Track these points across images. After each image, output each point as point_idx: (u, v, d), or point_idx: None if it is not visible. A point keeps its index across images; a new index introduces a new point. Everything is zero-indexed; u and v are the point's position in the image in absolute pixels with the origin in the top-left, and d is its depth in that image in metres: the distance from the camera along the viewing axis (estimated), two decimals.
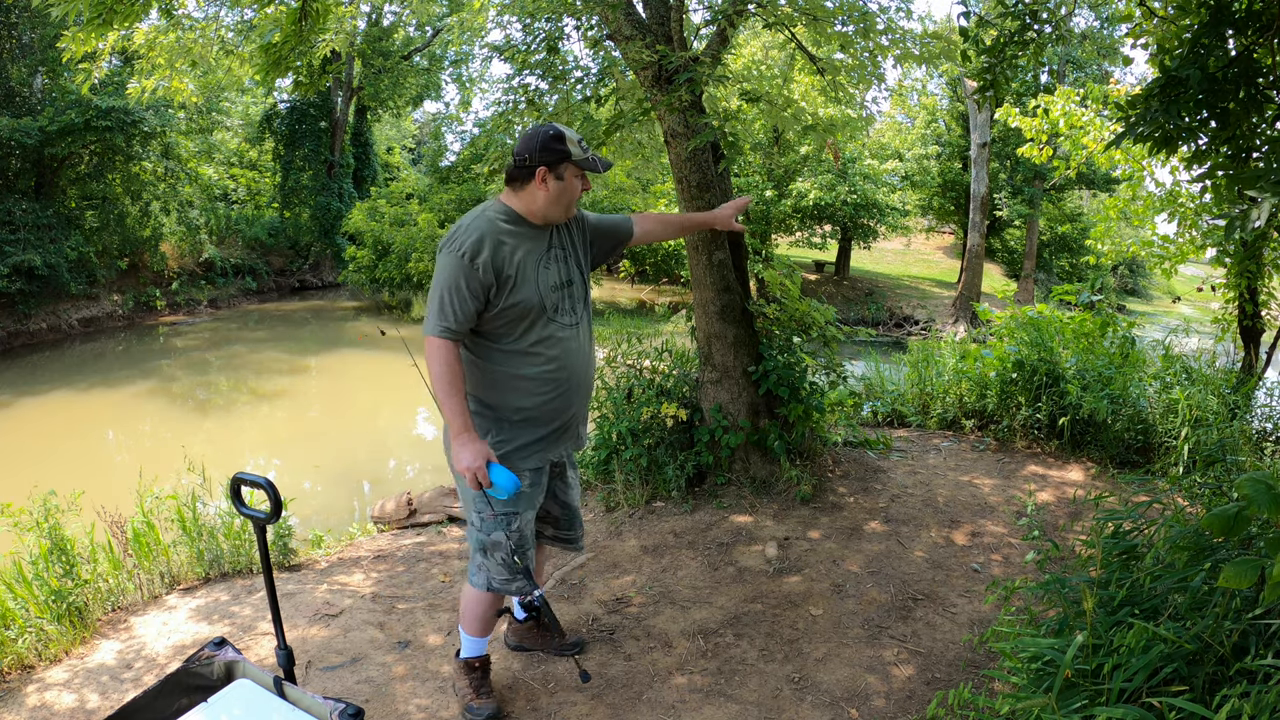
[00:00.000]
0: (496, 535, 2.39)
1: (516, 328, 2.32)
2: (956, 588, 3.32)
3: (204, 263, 19.27)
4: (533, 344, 2.34)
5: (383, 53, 23.40)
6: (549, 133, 2.29)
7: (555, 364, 2.38)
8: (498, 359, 2.34)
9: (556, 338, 2.38)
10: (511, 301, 2.27)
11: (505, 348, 2.33)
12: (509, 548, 2.38)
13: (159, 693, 1.82)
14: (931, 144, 23.54)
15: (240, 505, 2.14)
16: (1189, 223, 6.07)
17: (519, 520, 2.40)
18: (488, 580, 2.45)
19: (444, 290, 2.22)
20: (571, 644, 2.91)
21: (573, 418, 2.49)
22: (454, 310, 2.21)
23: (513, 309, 2.28)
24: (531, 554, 2.46)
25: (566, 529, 2.71)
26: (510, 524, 2.38)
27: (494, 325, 2.30)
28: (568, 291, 2.43)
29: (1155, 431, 4.66)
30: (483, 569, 2.45)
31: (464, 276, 2.20)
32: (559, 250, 2.43)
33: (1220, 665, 1.71)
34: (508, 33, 5.64)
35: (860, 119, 7.12)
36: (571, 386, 2.44)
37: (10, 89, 15.04)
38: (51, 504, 3.34)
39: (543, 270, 2.35)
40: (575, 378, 2.44)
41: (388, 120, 30.67)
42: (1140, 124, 2.77)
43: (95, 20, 3.83)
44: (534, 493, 2.45)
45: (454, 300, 2.21)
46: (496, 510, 2.35)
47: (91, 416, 10.43)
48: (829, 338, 4.42)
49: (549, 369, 2.37)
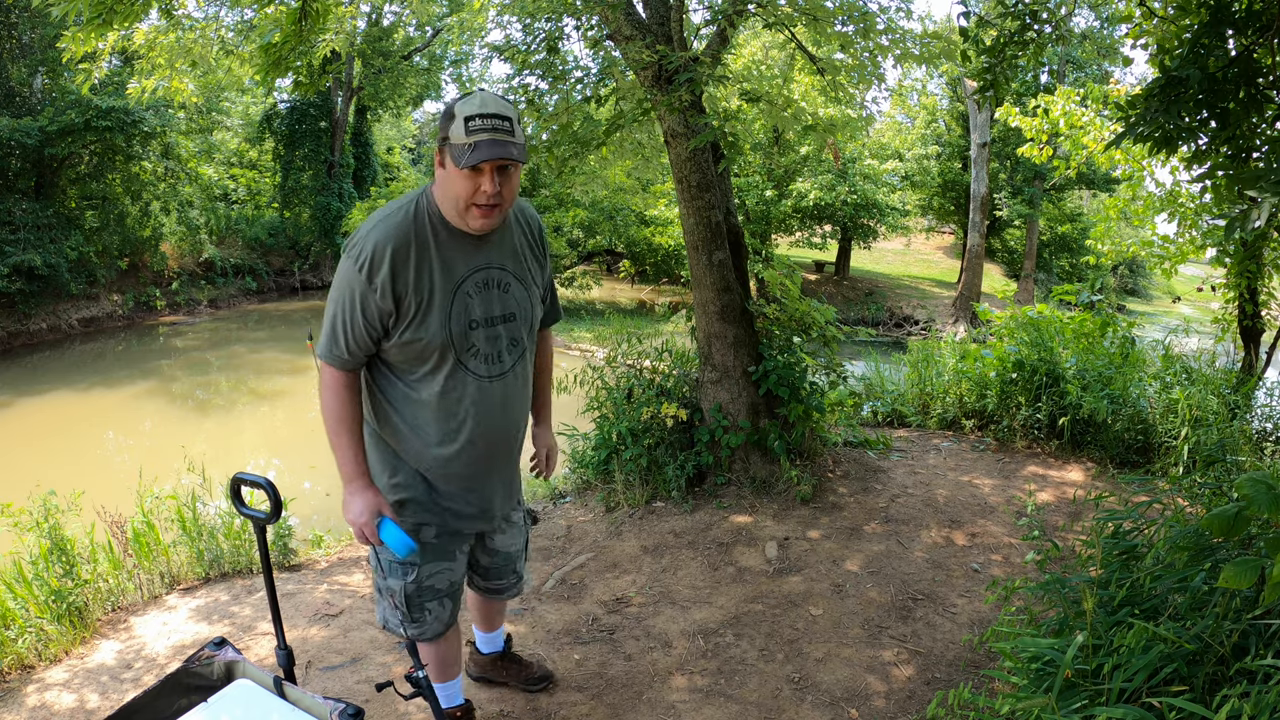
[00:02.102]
0: (391, 583, 2.03)
1: (417, 368, 1.87)
2: (956, 588, 3.32)
3: (204, 263, 19.28)
4: (435, 393, 1.88)
5: (383, 53, 23.40)
6: (450, 102, 1.77)
7: (460, 425, 1.91)
8: (395, 397, 1.92)
9: (467, 390, 1.89)
10: (413, 338, 1.82)
11: (403, 386, 1.91)
12: (402, 597, 2.03)
13: (159, 693, 1.82)
14: (931, 144, 23.54)
15: (240, 505, 2.14)
16: (1189, 223, 6.07)
17: (417, 572, 2.02)
18: (383, 618, 2.12)
19: (336, 309, 1.81)
20: (539, 678, 2.68)
21: (490, 483, 2.04)
22: (346, 336, 1.81)
23: (411, 345, 1.83)
24: (436, 606, 2.09)
25: (496, 578, 2.29)
26: (407, 574, 2.01)
27: (390, 358, 1.88)
28: (501, 329, 1.92)
29: (1155, 431, 4.66)
30: (379, 605, 2.12)
31: (360, 295, 1.77)
32: (501, 273, 1.91)
33: (1220, 665, 1.70)
34: (508, 33, 5.65)
35: (860, 119, 7.12)
36: (482, 456, 1.97)
37: (10, 89, 15.05)
38: (51, 504, 3.33)
39: (461, 298, 1.85)
40: (490, 445, 1.97)
41: (388, 120, 30.67)
42: (1140, 124, 2.77)
43: (95, 20, 3.83)
44: (442, 544, 2.04)
45: (348, 324, 1.80)
46: (386, 560, 2.01)
47: (91, 416, 10.43)
48: (829, 338, 4.42)
49: (451, 429, 1.91)
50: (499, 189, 1.75)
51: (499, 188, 1.74)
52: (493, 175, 1.73)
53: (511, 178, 1.79)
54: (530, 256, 2.01)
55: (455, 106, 1.74)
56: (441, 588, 2.09)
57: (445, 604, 2.12)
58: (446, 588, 2.10)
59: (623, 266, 21.09)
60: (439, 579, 2.07)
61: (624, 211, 18.68)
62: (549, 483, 4.69)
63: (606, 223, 18.78)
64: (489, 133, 1.69)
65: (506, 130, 1.72)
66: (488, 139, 1.69)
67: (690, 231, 4.11)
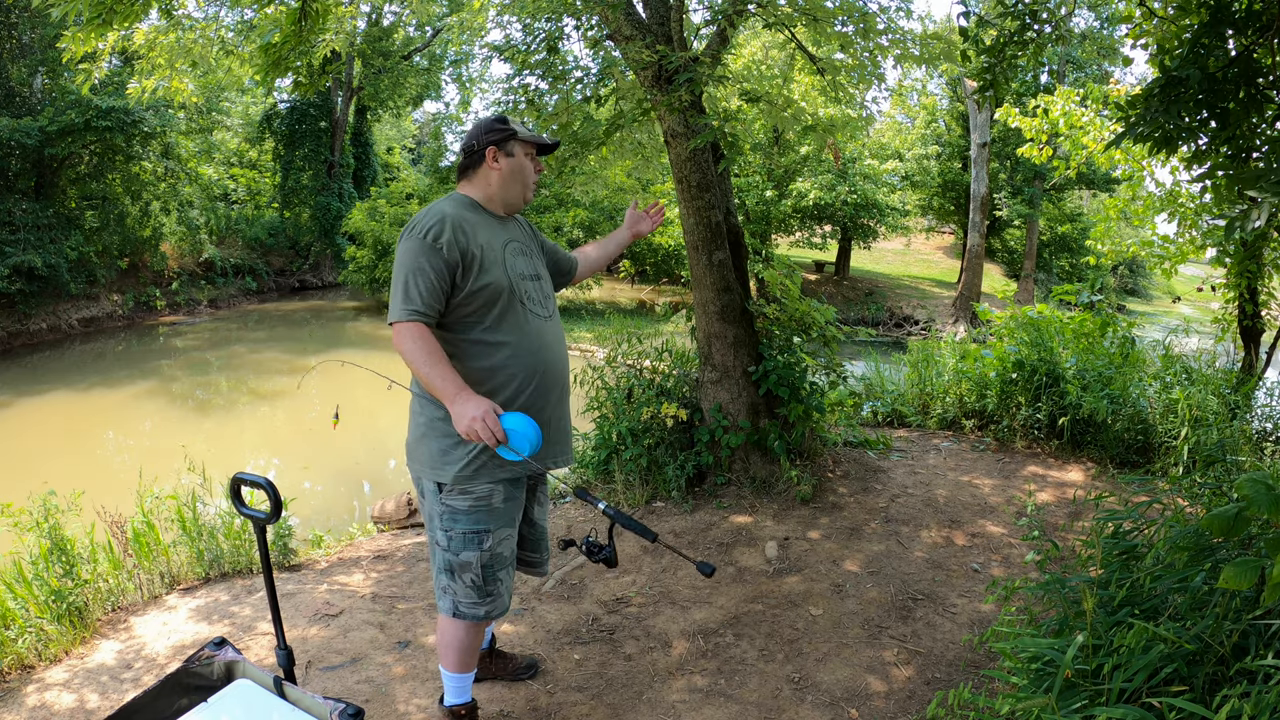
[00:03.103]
0: (467, 555, 2.17)
1: (487, 314, 2.16)
2: (956, 588, 3.32)
3: (204, 263, 19.28)
4: (505, 332, 2.17)
5: (383, 53, 23.41)
6: (492, 118, 2.31)
7: (528, 356, 2.20)
8: (467, 352, 2.16)
9: (530, 326, 2.22)
10: (481, 284, 2.12)
11: (475, 337, 2.16)
12: (478, 569, 2.17)
13: (159, 693, 1.82)
14: (931, 144, 23.54)
15: (240, 505, 2.14)
16: (1189, 223, 6.07)
17: (492, 538, 2.18)
18: (454, 605, 2.22)
19: (408, 274, 2.08)
20: (525, 667, 2.78)
21: (551, 418, 2.26)
22: (420, 293, 2.06)
23: (482, 291, 2.13)
24: (505, 576, 2.26)
25: (533, 550, 2.47)
26: (482, 542, 2.17)
27: (463, 313, 2.14)
28: (538, 284, 2.32)
29: (1155, 431, 4.66)
30: (448, 592, 2.23)
31: (427, 258, 2.07)
32: (519, 244, 2.34)
33: (1220, 665, 1.70)
34: (508, 33, 5.65)
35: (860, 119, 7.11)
36: (548, 382, 2.25)
37: (10, 89, 15.04)
38: (51, 504, 3.33)
39: (510, 256, 2.25)
40: (552, 371, 2.26)
41: (388, 120, 30.69)
42: (1140, 124, 2.77)
43: (95, 20, 3.83)
44: (509, 508, 2.22)
45: (419, 283, 2.06)
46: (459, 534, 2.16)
47: (91, 416, 10.43)
48: (829, 338, 4.42)
49: (521, 360, 2.18)
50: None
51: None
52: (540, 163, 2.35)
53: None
54: (533, 239, 2.46)
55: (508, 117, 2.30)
56: (507, 555, 2.26)
57: (510, 573, 2.29)
58: (509, 555, 2.27)
59: (623, 266, 21.08)
60: (505, 545, 2.24)
61: (624, 211, 18.66)
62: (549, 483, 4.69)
63: (606, 223, 18.78)
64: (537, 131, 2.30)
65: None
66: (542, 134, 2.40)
67: (690, 231, 4.11)
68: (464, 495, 2.15)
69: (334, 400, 11.52)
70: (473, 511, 2.16)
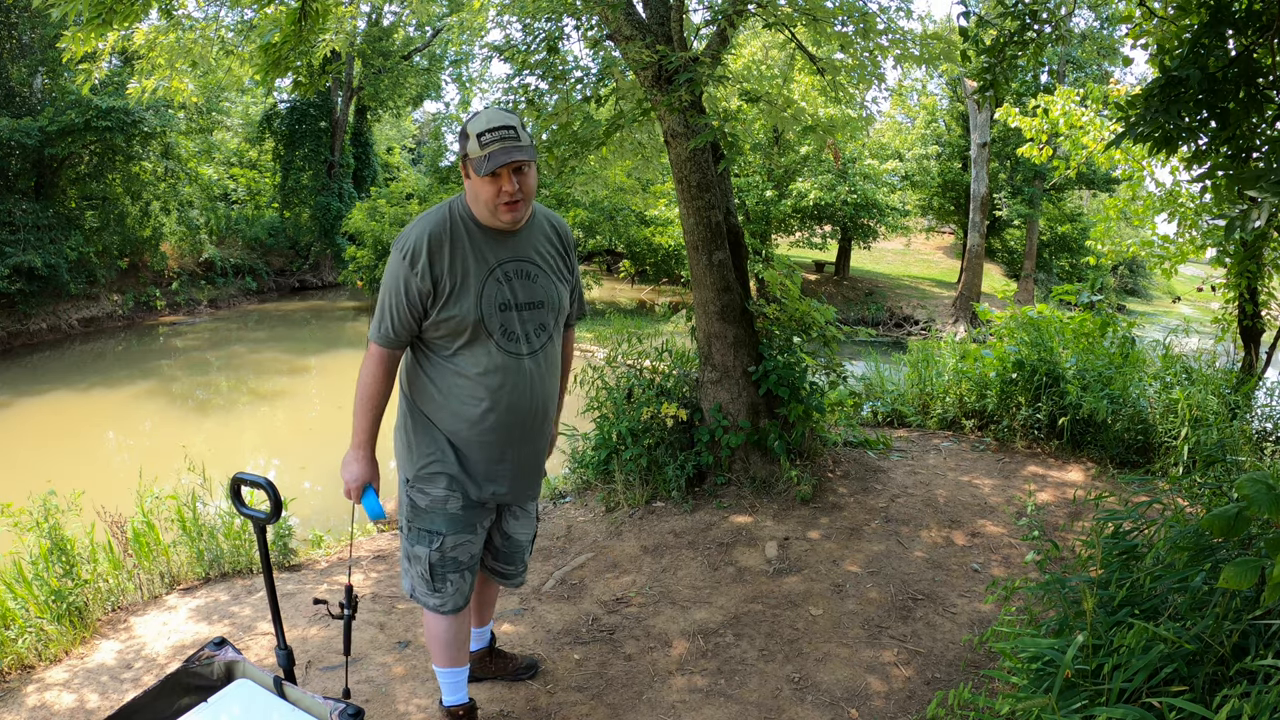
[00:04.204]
0: (419, 549, 2.22)
1: (453, 343, 2.11)
2: (956, 588, 3.32)
3: (204, 263, 19.27)
4: (465, 365, 2.11)
5: (383, 53, 23.40)
6: (464, 123, 2.07)
7: (488, 393, 2.12)
8: (434, 373, 2.16)
9: (495, 364, 2.11)
10: (447, 315, 2.06)
11: (440, 361, 2.15)
12: (426, 565, 2.22)
13: (159, 693, 1.82)
14: (931, 144, 23.53)
15: (240, 505, 2.14)
16: (1189, 223, 6.07)
17: (443, 540, 2.20)
18: (411, 587, 2.30)
19: (386, 293, 2.08)
20: (525, 667, 2.79)
21: (514, 457, 2.22)
22: (393, 316, 2.07)
23: (447, 322, 2.07)
24: (457, 578, 2.25)
25: (505, 563, 2.46)
26: (432, 543, 2.20)
27: (432, 335, 2.12)
28: (529, 314, 2.15)
29: (1155, 431, 4.66)
30: (407, 574, 2.30)
31: (403, 280, 2.05)
32: (529, 265, 2.16)
33: (1220, 665, 1.70)
34: (508, 33, 5.65)
35: (860, 119, 7.12)
36: (510, 420, 2.16)
37: (10, 89, 15.04)
38: (51, 504, 3.33)
39: (493, 284, 2.09)
40: (516, 411, 2.16)
41: (388, 120, 30.68)
42: (1140, 124, 2.77)
43: (95, 20, 3.83)
44: (467, 516, 2.20)
45: (394, 306, 2.07)
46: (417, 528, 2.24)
47: (91, 416, 10.43)
48: (829, 338, 4.42)
49: (479, 396, 2.12)
50: (517, 186, 2.03)
51: (517, 185, 2.03)
52: (510, 176, 2.02)
53: (527, 175, 2.06)
54: (557, 256, 2.27)
55: (468, 127, 2.03)
56: (463, 560, 2.25)
57: (465, 577, 2.28)
58: (467, 560, 2.26)
59: (623, 266, 21.09)
60: (461, 551, 2.24)
61: (624, 211, 18.68)
62: (549, 482, 4.69)
63: (606, 223, 18.79)
64: (499, 143, 1.99)
65: (513, 137, 2.00)
66: (499, 148, 1.98)
67: (690, 231, 4.11)
68: (422, 494, 2.20)
69: (334, 400, 11.54)
70: (428, 511, 2.21)
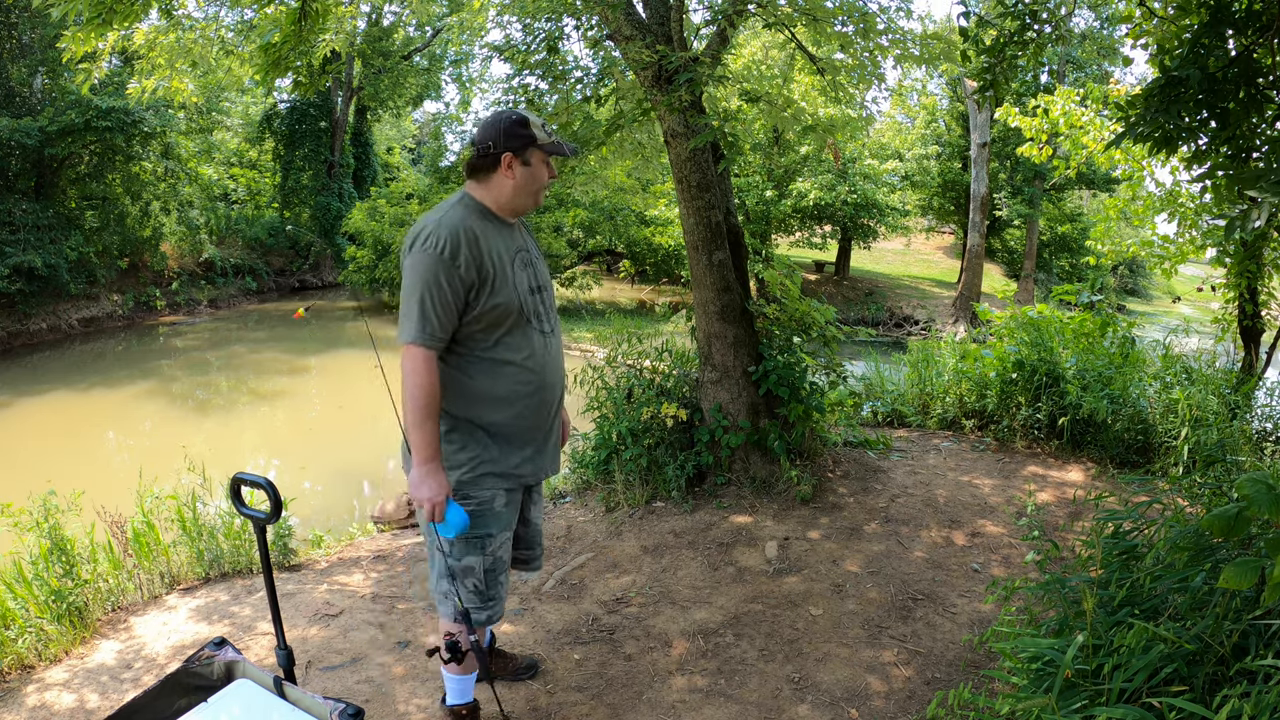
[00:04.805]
0: (470, 560, 2.18)
1: (493, 334, 2.13)
2: (956, 588, 3.32)
3: (204, 263, 19.27)
4: (510, 352, 2.15)
5: (383, 53, 23.40)
6: (512, 118, 2.13)
7: (532, 375, 2.18)
8: (472, 368, 2.15)
9: (534, 346, 2.19)
10: (493, 304, 2.08)
11: (480, 355, 2.13)
12: (481, 573, 2.19)
13: (159, 693, 1.82)
14: (931, 144, 23.53)
15: (240, 505, 2.14)
16: (1189, 223, 6.07)
17: (494, 542, 2.20)
18: (455, 611, 2.19)
19: (425, 291, 2.00)
20: (526, 667, 2.79)
21: (548, 435, 2.29)
22: (437, 315, 2.01)
23: (492, 312, 2.09)
24: (505, 579, 2.29)
25: (527, 548, 2.48)
26: (485, 547, 2.19)
27: (470, 330, 2.10)
28: (541, 297, 2.26)
29: (1155, 431, 4.66)
30: (449, 597, 2.20)
31: (444, 276, 2.00)
32: (525, 253, 2.26)
33: (1220, 665, 1.70)
34: (508, 33, 5.65)
35: (860, 119, 7.12)
36: (547, 401, 2.24)
37: (10, 89, 15.04)
38: (51, 504, 3.33)
39: (518, 270, 2.18)
40: (551, 391, 2.26)
41: (388, 120, 30.68)
42: (1140, 124, 2.77)
43: (95, 20, 3.83)
44: (509, 512, 2.24)
45: (436, 303, 2.00)
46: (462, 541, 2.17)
47: (91, 416, 10.43)
48: (829, 338, 4.42)
49: (525, 379, 2.17)
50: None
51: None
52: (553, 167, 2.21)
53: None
54: (535, 244, 2.37)
55: (529, 118, 2.14)
56: (505, 559, 2.27)
57: (508, 577, 2.31)
58: (507, 557, 2.29)
59: (623, 266, 21.08)
60: (504, 549, 2.26)
61: (624, 211, 18.68)
62: (549, 482, 4.70)
63: (606, 223, 18.78)
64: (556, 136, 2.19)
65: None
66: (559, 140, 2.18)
67: (690, 231, 4.11)
68: (466, 500, 2.15)
69: (334, 400, 11.54)
70: (475, 516, 2.16)
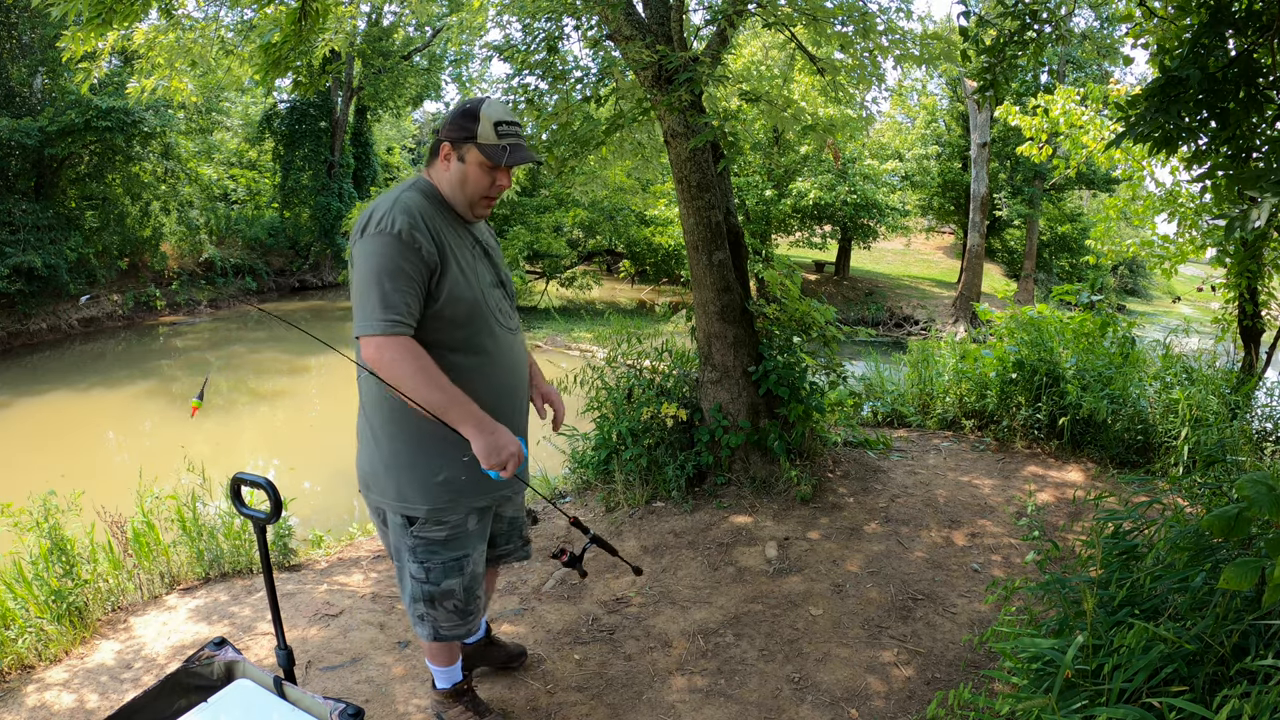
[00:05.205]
0: (449, 583, 2.09)
1: (457, 329, 1.94)
2: (956, 588, 3.32)
3: (204, 263, 19.28)
4: (474, 350, 1.97)
5: (383, 53, 23.40)
6: (465, 106, 1.94)
7: (499, 374, 2.03)
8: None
9: (500, 343, 2.03)
10: (452, 294, 1.90)
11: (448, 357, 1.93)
12: (461, 593, 2.11)
13: (158, 693, 1.82)
14: (931, 144, 23.54)
15: (240, 505, 2.14)
16: (1189, 223, 6.07)
17: (470, 561, 2.11)
18: (434, 630, 2.15)
19: (381, 276, 1.79)
20: (516, 655, 2.79)
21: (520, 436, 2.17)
22: (402, 299, 1.80)
23: (452, 303, 1.91)
24: (483, 590, 2.23)
25: (506, 542, 2.39)
26: (464, 568, 2.10)
27: (435, 326, 1.91)
28: (501, 292, 2.09)
29: (1155, 431, 4.66)
30: (426, 620, 2.13)
31: (403, 257, 1.80)
32: (484, 246, 2.09)
33: (1220, 665, 1.70)
34: (507, 33, 5.65)
35: (860, 119, 7.13)
36: (515, 404, 2.10)
37: (10, 89, 15.04)
38: (51, 504, 3.33)
39: (477, 261, 2.01)
40: (519, 392, 2.12)
41: (388, 120, 30.66)
42: (1140, 124, 2.77)
43: (95, 20, 3.83)
44: (481, 528, 2.14)
45: (398, 287, 1.80)
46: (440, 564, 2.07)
47: (91, 416, 10.43)
48: (829, 338, 4.42)
49: (491, 380, 2.01)
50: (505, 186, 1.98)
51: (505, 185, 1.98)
52: (508, 175, 1.96)
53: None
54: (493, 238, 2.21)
55: (481, 109, 1.91)
56: (481, 571, 2.19)
57: (483, 587, 2.24)
58: (483, 569, 2.21)
59: (623, 266, 21.08)
60: (479, 562, 2.17)
61: (624, 211, 18.68)
62: (548, 482, 4.70)
63: (606, 223, 18.79)
64: (515, 138, 1.93)
65: (523, 137, 1.96)
66: (515, 143, 1.92)
67: (690, 231, 4.11)
68: (440, 526, 2.05)
69: (334, 399, 11.53)
70: (450, 541, 2.08)
